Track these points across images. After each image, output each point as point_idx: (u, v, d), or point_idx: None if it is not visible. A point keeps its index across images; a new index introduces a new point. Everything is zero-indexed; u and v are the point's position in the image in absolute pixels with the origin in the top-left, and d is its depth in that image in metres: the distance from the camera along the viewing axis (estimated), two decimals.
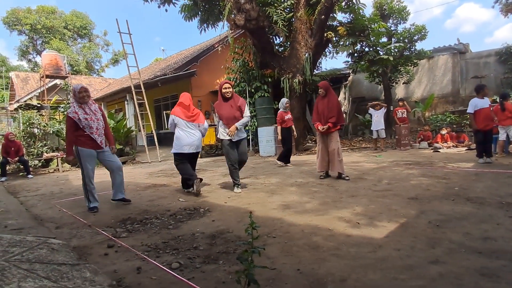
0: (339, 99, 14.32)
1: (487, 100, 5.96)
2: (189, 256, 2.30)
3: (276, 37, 11.68)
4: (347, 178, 4.94)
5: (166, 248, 2.48)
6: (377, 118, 9.56)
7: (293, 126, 7.13)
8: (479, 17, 59.37)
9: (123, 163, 10.40)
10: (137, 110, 11.30)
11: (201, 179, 4.60)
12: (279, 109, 7.18)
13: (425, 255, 2.12)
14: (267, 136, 8.53)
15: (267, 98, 10.44)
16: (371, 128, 9.93)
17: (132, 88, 11.09)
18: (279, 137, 6.91)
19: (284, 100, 7.01)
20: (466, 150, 8.35)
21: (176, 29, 76.34)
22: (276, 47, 11.51)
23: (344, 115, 14.09)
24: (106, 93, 16.13)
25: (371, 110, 9.92)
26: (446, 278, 1.80)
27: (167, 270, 2.07)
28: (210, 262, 2.19)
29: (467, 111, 6.24)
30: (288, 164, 6.90)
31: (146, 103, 11.23)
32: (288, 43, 10.80)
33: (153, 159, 10.34)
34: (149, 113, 11.20)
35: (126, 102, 13.20)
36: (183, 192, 4.71)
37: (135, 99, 11.24)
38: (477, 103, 5.97)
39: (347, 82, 15.26)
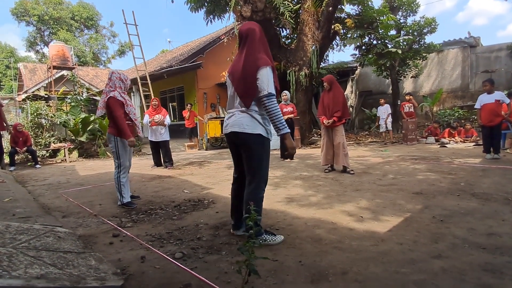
0: (345, 92, 14.20)
1: (495, 94, 5.85)
2: (192, 246, 2.32)
3: (283, 29, 11.57)
4: (352, 172, 4.92)
5: (170, 238, 2.50)
6: (383, 114, 9.87)
7: (293, 119, 7.04)
8: (492, 10, 57.90)
9: None
10: (143, 102, 11.35)
11: None
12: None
13: (428, 249, 2.11)
14: (272, 129, 8.56)
15: None
16: (380, 123, 10.05)
17: (138, 80, 11.13)
18: None
19: (282, 93, 6.99)
20: (473, 145, 8.24)
21: (184, 20, 75.99)
22: (283, 39, 11.41)
23: (351, 109, 13.98)
24: None
25: (379, 109, 10.03)
26: (449, 273, 1.80)
27: (171, 259, 2.10)
28: (213, 252, 2.21)
29: (475, 107, 6.26)
30: (287, 159, 6.82)
31: (152, 95, 11.25)
32: (295, 35, 10.69)
33: None
34: None
35: (132, 94, 13.24)
36: (188, 184, 4.74)
37: (141, 91, 11.28)
38: (482, 99, 5.99)
39: (354, 75, 15.10)
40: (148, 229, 2.77)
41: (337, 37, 11.21)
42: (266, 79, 2.07)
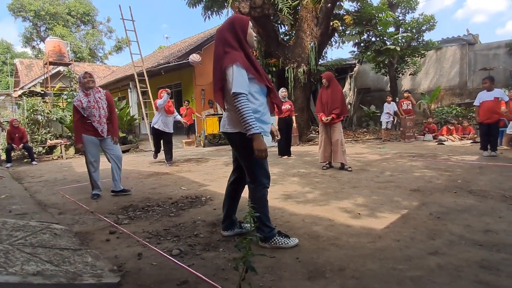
0: (344, 90, 14.19)
1: (495, 92, 5.85)
2: (189, 243, 2.32)
3: (281, 25, 11.52)
4: (350, 169, 4.92)
5: (167, 235, 2.50)
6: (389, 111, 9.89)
7: (293, 117, 7.00)
8: (492, 7, 57.55)
9: (126, 151, 10.46)
10: (140, 98, 11.30)
11: None
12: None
13: (424, 246, 2.11)
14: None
15: None
16: (382, 119, 10.12)
17: (135, 76, 11.07)
18: (276, 126, 6.80)
19: (280, 90, 6.95)
20: (471, 143, 8.27)
21: (182, 16, 75.59)
22: (281, 36, 11.37)
23: (349, 106, 13.98)
24: (109, 80, 16.10)
25: (385, 106, 10.07)
26: (445, 269, 1.80)
27: (168, 256, 2.09)
28: (210, 249, 2.21)
29: (474, 104, 6.26)
30: (285, 156, 6.80)
31: (150, 91, 11.21)
32: (293, 32, 10.65)
33: None
34: (152, 102, 11.17)
35: (129, 90, 13.19)
36: (186, 181, 4.73)
37: (138, 87, 11.22)
38: (481, 96, 5.97)
39: (353, 72, 15.07)
40: (145, 226, 2.76)
41: (335, 34, 11.19)
42: (231, 78, 1.99)
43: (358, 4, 11.32)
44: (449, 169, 4.72)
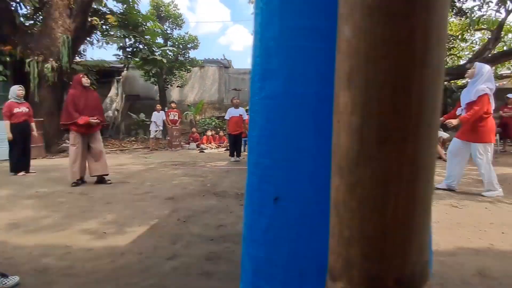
0: (110, 94, 13.28)
1: (239, 110, 7.37)
2: None
3: (21, 4, 9.03)
4: (109, 182, 4.53)
5: None
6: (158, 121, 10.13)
7: (32, 124, 5.59)
8: (245, 41, 72.92)
9: None
10: None
11: None
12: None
13: (165, 252, 2.17)
14: (1, 134, 6.36)
15: (3, 83, 7.91)
16: (150, 128, 10.27)
17: None
18: (9, 135, 5.21)
19: (15, 87, 5.41)
20: (224, 150, 9.92)
21: None
22: (21, 19, 8.91)
23: (116, 112, 13.23)
24: None
25: (154, 115, 10.19)
26: (178, 270, 1.91)
27: None
28: None
29: (225, 117, 7.62)
30: (21, 172, 5.37)
31: None
32: (40, 17, 8.69)
33: None
34: None
35: None
36: None
37: None
38: (230, 112, 7.39)
39: (120, 77, 14.37)
40: None
41: (96, 31, 10.19)
42: None
43: (125, 6, 10.88)
44: (203, 175, 5.31)
